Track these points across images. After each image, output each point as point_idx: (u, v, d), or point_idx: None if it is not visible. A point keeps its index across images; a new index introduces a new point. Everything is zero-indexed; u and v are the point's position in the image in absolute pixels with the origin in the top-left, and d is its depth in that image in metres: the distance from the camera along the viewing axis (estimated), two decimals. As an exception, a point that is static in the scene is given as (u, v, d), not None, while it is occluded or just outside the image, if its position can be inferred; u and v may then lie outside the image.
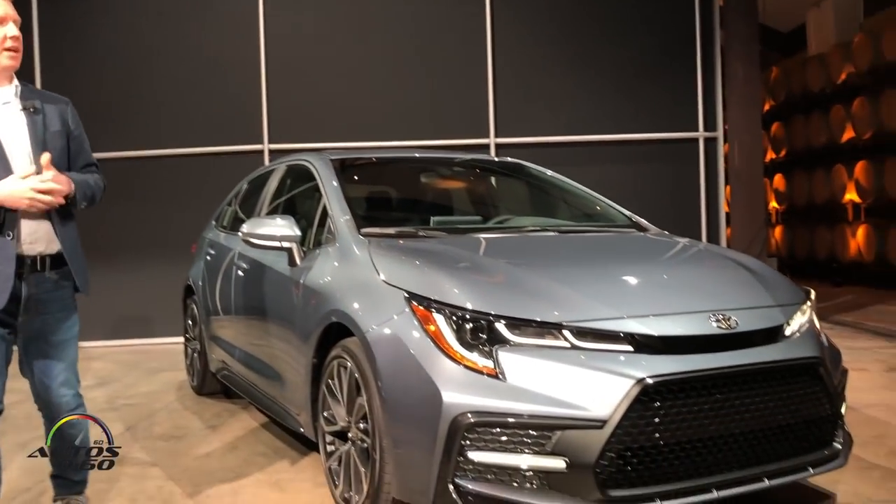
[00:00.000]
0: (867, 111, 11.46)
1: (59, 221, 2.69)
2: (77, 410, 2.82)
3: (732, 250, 3.63)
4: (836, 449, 2.80)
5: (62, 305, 2.76)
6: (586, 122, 8.17)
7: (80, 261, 2.77)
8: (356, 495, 2.87)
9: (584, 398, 2.39)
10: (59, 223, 2.69)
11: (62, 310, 2.77)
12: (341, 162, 3.97)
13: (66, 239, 2.71)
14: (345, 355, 2.94)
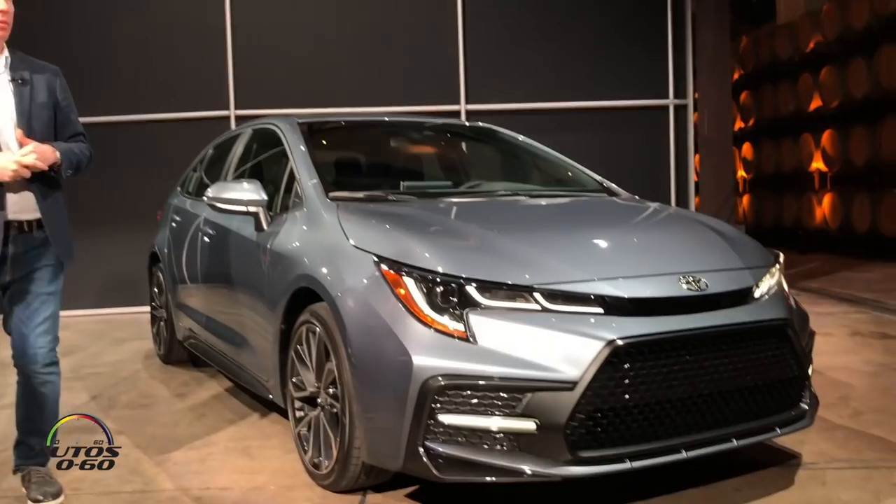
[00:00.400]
0: (834, 80, 11.55)
1: (40, 191, 2.75)
2: (50, 368, 2.82)
3: (702, 214, 3.63)
4: (802, 409, 2.83)
5: (47, 262, 2.82)
6: (557, 89, 8.12)
7: (61, 230, 2.84)
8: (326, 461, 2.85)
9: (555, 360, 2.38)
10: (40, 193, 2.75)
11: (47, 266, 2.82)
12: (309, 126, 3.89)
13: (47, 209, 2.78)
14: (313, 321, 2.90)
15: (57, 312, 2.87)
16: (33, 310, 2.79)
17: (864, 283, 8.42)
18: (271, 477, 3.05)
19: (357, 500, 2.79)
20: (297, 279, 3.05)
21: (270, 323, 3.30)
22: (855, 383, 4.27)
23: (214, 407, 4.10)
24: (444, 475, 2.42)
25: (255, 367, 3.60)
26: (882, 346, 5.23)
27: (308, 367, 3.01)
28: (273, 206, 3.57)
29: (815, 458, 3.09)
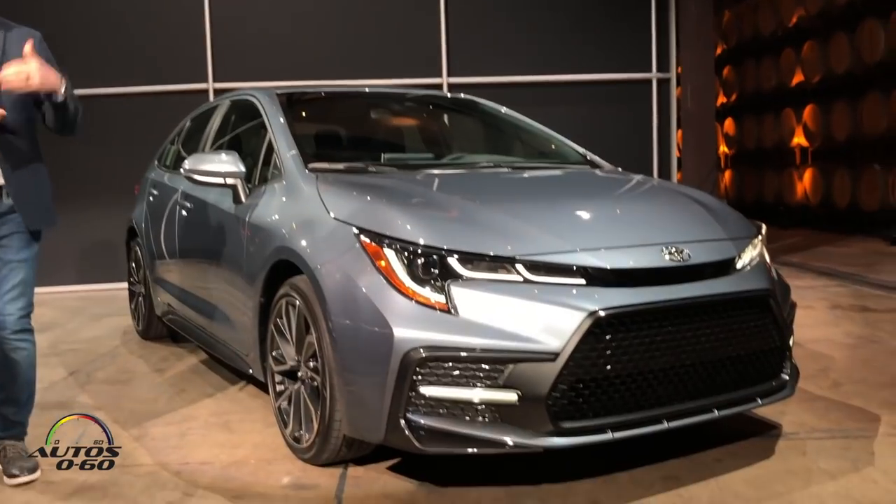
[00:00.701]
0: (817, 55, 11.55)
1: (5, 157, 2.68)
2: (22, 335, 2.77)
3: (685, 186, 3.61)
4: (783, 380, 2.84)
5: (16, 230, 2.75)
6: (540, 63, 8.06)
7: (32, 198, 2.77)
8: (306, 434, 2.83)
9: (537, 331, 2.36)
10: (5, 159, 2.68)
11: (16, 234, 2.75)
12: (288, 97, 3.83)
13: (13, 176, 2.71)
14: (293, 293, 2.87)
15: (30, 279, 2.80)
16: (2, 277, 2.73)
17: (844, 257, 8.48)
18: (251, 451, 3.03)
19: (338, 474, 2.77)
20: (277, 252, 3.01)
21: (249, 297, 3.26)
22: (835, 355, 4.30)
23: (194, 382, 4.07)
24: (426, 447, 2.40)
25: (234, 342, 3.56)
26: (861, 319, 5.27)
27: (288, 341, 2.97)
28: (251, 179, 3.51)
29: (796, 429, 3.11)
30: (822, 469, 2.71)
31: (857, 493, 2.51)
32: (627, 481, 2.64)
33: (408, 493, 2.59)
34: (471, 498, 2.54)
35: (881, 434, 3.03)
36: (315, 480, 2.72)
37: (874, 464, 2.74)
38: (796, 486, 2.58)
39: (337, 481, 2.71)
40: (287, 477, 2.77)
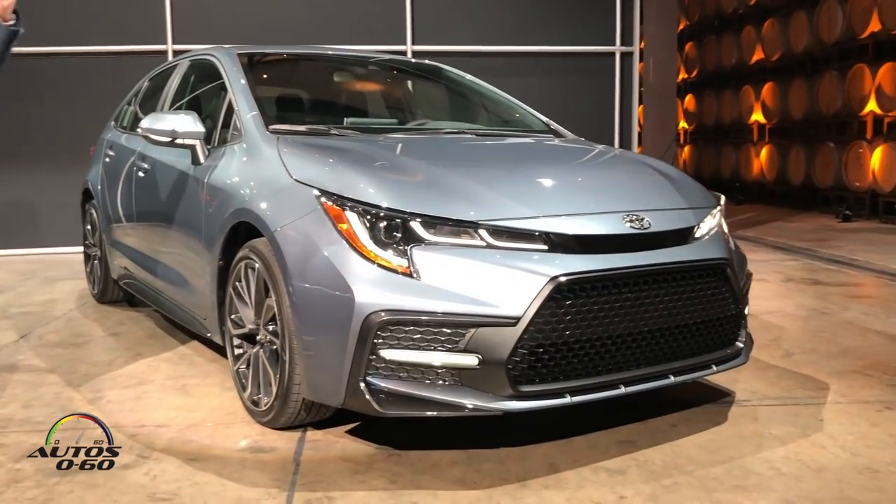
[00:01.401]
0: (776, 33, 11.68)
1: None
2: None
3: (647, 156, 3.64)
4: (738, 348, 2.89)
5: None
6: (505, 33, 8.04)
7: None
8: (265, 397, 2.82)
9: (499, 296, 2.37)
10: None
11: None
12: (249, 57, 3.76)
13: None
14: (252, 256, 2.83)
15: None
16: None
17: (798, 232, 8.66)
18: (209, 414, 3.01)
19: (296, 437, 2.76)
20: (236, 214, 2.97)
21: (208, 260, 3.22)
22: (787, 326, 4.39)
23: (151, 346, 4.01)
24: (386, 410, 2.40)
25: (192, 305, 3.51)
26: (813, 292, 5.39)
27: (247, 304, 2.94)
28: (211, 140, 3.45)
29: (748, 396, 3.18)
30: (773, 435, 2.78)
31: (805, 458, 2.58)
32: (584, 445, 2.68)
33: (367, 457, 2.60)
34: (430, 461, 2.56)
35: (829, 402, 3.12)
36: (273, 444, 2.71)
37: (823, 430, 2.82)
38: (748, 451, 2.64)
39: (295, 445, 2.70)
40: (245, 440, 2.75)
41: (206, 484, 2.40)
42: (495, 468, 2.50)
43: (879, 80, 9.51)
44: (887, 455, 2.60)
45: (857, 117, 10.16)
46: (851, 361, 3.67)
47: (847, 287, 5.60)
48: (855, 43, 10.11)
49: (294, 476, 2.46)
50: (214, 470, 2.50)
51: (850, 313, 4.69)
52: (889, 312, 4.72)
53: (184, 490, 2.36)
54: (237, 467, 2.53)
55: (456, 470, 2.49)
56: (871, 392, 3.23)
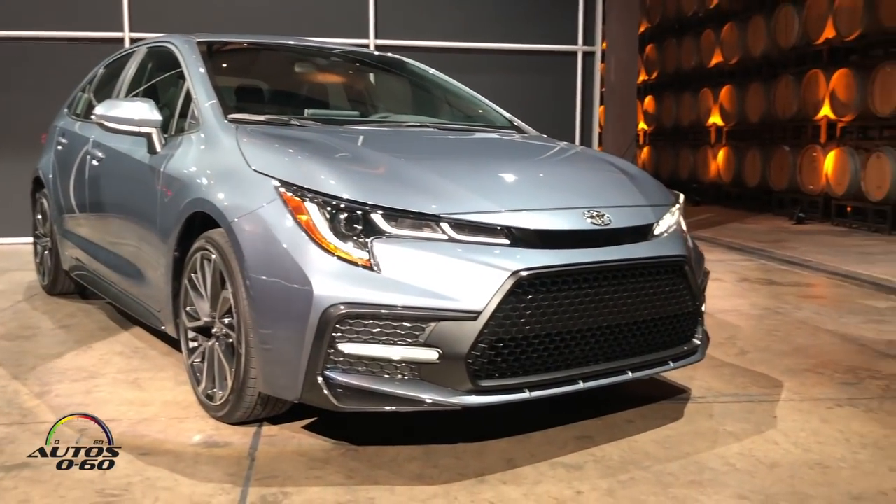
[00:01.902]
0: (735, 37, 11.86)
1: None
2: None
3: (608, 154, 3.66)
4: (695, 345, 2.92)
5: None
6: (468, 30, 8.03)
7: None
8: (220, 392, 2.76)
9: (460, 290, 2.35)
10: None
11: None
12: (209, 45, 3.69)
13: None
14: (209, 247, 2.78)
15: None
16: None
17: (753, 233, 8.81)
18: (162, 409, 2.94)
19: (251, 432, 2.72)
20: (192, 204, 2.90)
21: (163, 251, 3.15)
22: (742, 325, 4.46)
23: (102, 338, 3.92)
24: (344, 405, 2.37)
25: (146, 297, 3.44)
26: (767, 292, 5.48)
27: (202, 296, 2.88)
28: (168, 129, 3.37)
29: (704, 393, 3.21)
30: (728, 431, 2.81)
31: (759, 454, 2.61)
32: (542, 440, 2.68)
33: (323, 452, 2.57)
34: (387, 456, 2.53)
35: (783, 399, 3.16)
36: (228, 438, 2.66)
37: (776, 426, 2.86)
38: (703, 447, 2.66)
39: (250, 440, 2.66)
40: (198, 435, 2.70)
41: (157, 479, 2.35)
42: (453, 463, 2.49)
43: (833, 86, 9.71)
44: (837, 451, 2.64)
45: (811, 122, 10.37)
46: (804, 360, 3.73)
47: (800, 287, 5.71)
48: (810, 49, 10.31)
49: (249, 471, 2.41)
50: (167, 465, 2.45)
51: (803, 313, 4.78)
52: (840, 312, 4.82)
53: (134, 485, 2.31)
54: (190, 462, 2.47)
55: (413, 465, 2.47)
56: (822, 390, 3.29)
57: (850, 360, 3.74)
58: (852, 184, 9.34)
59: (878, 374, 3.52)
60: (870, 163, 9.00)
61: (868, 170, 9.02)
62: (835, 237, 8.59)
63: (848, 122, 9.75)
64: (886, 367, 3.64)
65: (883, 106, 8.92)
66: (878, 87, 8.97)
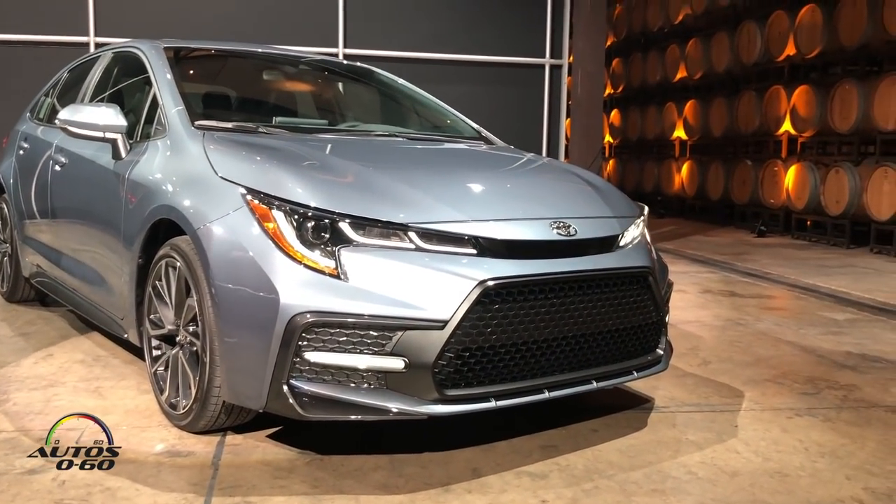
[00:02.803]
0: (700, 52, 12.06)
1: None
2: None
3: (574, 165, 3.70)
4: (658, 355, 2.95)
5: None
6: (437, 41, 8.07)
7: None
8: (184, 400, 2.74)
9: (427, 299, 2.36)
10: None
11: None
12: (176, 51, 3.66)
13: None
14: (174, 254, 2.75)
15: None
16: None
17: (716, 246, 8.94)
18: (123, 417, 2.90)
19: (215, 441, 2.69)
20: (157, 210, 2.88)
21: (127, 258, 3.11)
22: (704, 336, 4.52)
23: (63, 346, 3.85)
24: (309, 414, 2.36)
25: (109, 305, 3.39)
26: (730, 303, 5.57)
27: (167, 304, 2.86)
28: (133, 135, 3.34)
29: (667, 403, 3.25)
30: (690, 440, 2.85)
31: (721, 462, 2.65)
32: (507, 450, 2.69)
33: (288, 461, 2.55)
34: (352, 465, 2.53)
35: (744, 409, 3.21)
36: (191, 448, 2.63)
37: (737, 436, 2.90)
38: (666, 456, 2.69)
39: (214, 449, 2.63)
40: (161, 444, 2.67)
41: (118, 489, 2.32)
42: (418, 472, 2.49)
43: (794, 102, 9.92)
44: (796, 459, 2.69)
45: (773, 136, 10.58)
46: (765, 370, 3.80)
47: (761, 299, 5.80)
48: (772, 65, 10.53)
49: (212, 481, 2.39)
50: (128, 474, 2.42)
51: (764, 324, 4.86)
52: (800, 324, 4.91)
53: (94, 495, 2.27)
54: (152, 472, 2.44)
55: (379, 474, 2.47)
56: (782, 399, 3.35)
57: (809, 371, 3.81)
58: (812, 198, 9.54)
59: (836, 385, 3.60)
60: (829, 178, 9.20)
61: (827, 184, 9.22)
62: (795, 250, 8.76)
63: (808, 138, 9.96)
64: (844, 378, 3.71)
65: (841, 122, 9.13)
66: (836, 103, 9.19)
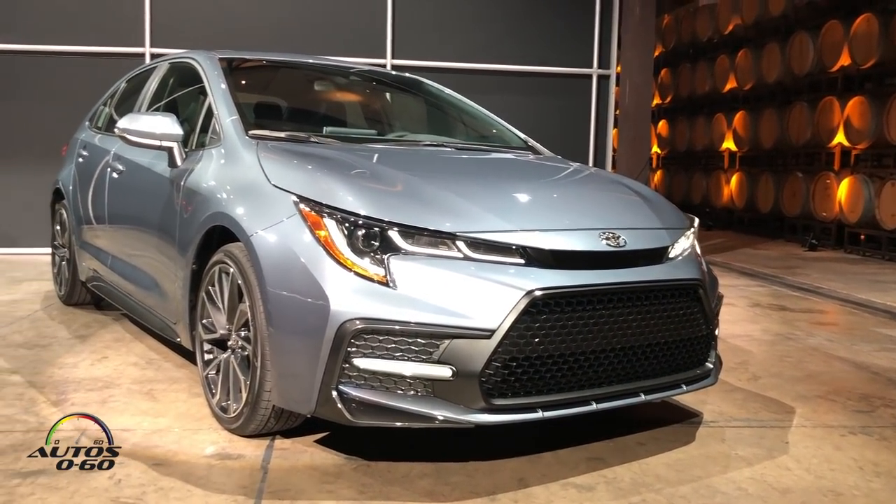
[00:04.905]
0: (749, 63, 11.90)
1: None
2: None
3: (622, 176, 3.68)
4: (707, 368, 2.92)
5: None
6: (484, 51, 8.10)
7: None
8: (234, 404, 2.79)
9: (474, 308, 2.37)
10: None
11: None
12: (230, 62, 3.74)
13: None
14: (227, 260, 2.81)
15: None
16: None
17: (765, 259, 8.79)
18: (175, 420, 2.96)
19: (264, 445, 2.73)
20: (212, 217, 2.94)
21: (181, 263, 3.18)
22: (754, 350, 4.45)
23: (118, 349, 3.95)
24: (357, 420, 2.39)
25: (163, 309, 3.47)
26: (779, 317, 5.47)
27: (219, 309, 2.91)
28: (188, 144, 3.42)
29: (715, 417, 3.21)
30: (740, 456, 2.81)
31: (771, 479, 2.60)
32: (553, 461, 2.68)
33: (335, 466, 2.58)
34: (399, 472, 2.54)
35: (795, 425, 3.16)
36: (241, 451, 2.68)
37: (788, 452, 2.85)
38: (715, 471, 2.66)
39: (263, 452, 2.67)
40: (212, 446, 2.72)
41: (171, 489, 2.37)
42: (465, 481, 2.49)
43: (848, 113, 9.72)
44: (850, 479, 2.64)
45: (825, 148, 10.37)
46: (816, 386, 3.73)
47: (812, 314, 5.69)
48: (825, 76, 10.33)
49: (261, 484, 2.43)
50: (180, 475, 2.47)
51: (815, 339, 4.77)
52: (853, 340, 4.80)
53: (148, 495, 2.32)
54: (204, 473, 2.49)
55: (425, 482, 2.48)
56: (835, 417, 3.28)
57: (863, 388, 3.73)
58: (866, 211, 9.32)
59: (892, 403, 3.51)
60: (884, 191, 8.99)
61: (882, 198, 9.01)
62: (848, 264, 8.56)
63: (862, 150, 9.74)
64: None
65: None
66: (893, 114, 8.98)
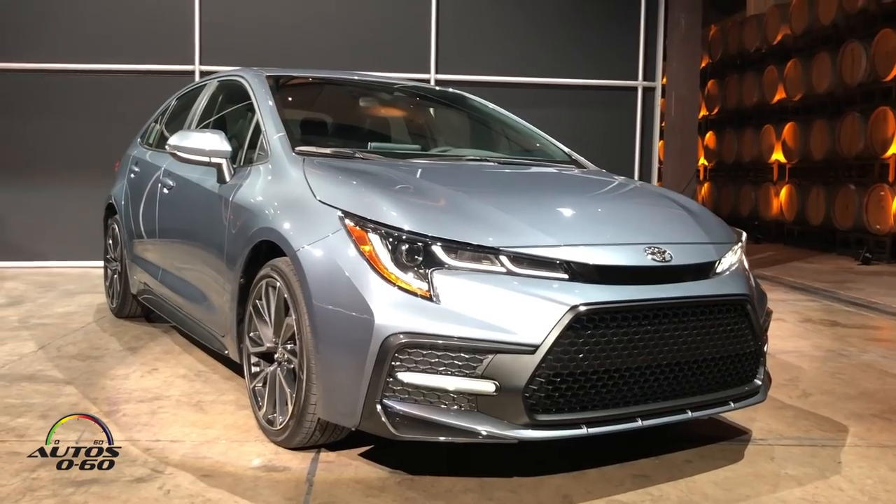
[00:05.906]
0: (799, 73, 11.70)
1: None
2: None
3: (668, 189, 3.64)
4: (756, 385, 2.87)
5: None
6: (528, 65, 8.11)
7: None
8: (280, 416, 2.82)
9: (518, 323, 2.37)
10: None
11: None
12: (276, 79, 3.81)
13: None
14: (274, 275, 2.85)
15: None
16: None
17: (817, 273, 8.60)
18: (223, 431, 3.01)
19: (310, 457, 2.76)
20: (259, 232, 2.99)
21: (229, 277, 3.24)
22: (804, 366, 4.36)
23: (167, 361, 4.03)
24: (401, 433, 2.40)
25: (211, 322, 3.53)
26: (831, 333, 5.35)
27: (266, 323, 2.96)
28: (236, 160, 3.49)
29: (765, 435, 3.15)
30: (790, 475, 2.75)
31: (823, 500, 2.54)
32: (598, 478, 2.66)
33: (379, 480, 2.59)
34: (442, 487, 2.55)
35: (848, 444, 3.08)
36: (286, 463, 2.71)
37: (841, 472, 2.78)
38: (764, 490, 2.61)
39: (308, 465, 2.70)
40: (258, 458, 2.75)
41: (219, 500, 2.40)
42: (508, 497, 2.48)
43: (902, 124, 9.49)
44: (906, 500, 2.56)
45: (879, 160, 10.13)
46: (870, 404, 3.63)
47: (866, 330, 5.55)
48: (878, 85, 10.10)
49: (307, 496, 2.45)
50: (228, 487, 2.50)
51: (869, 356, 4.65)
52: (909, 356, 4.67)
53: (196, 506, 2.36)
54: (250, 485, 2.53)
55: (469, 497, 2.48)
56: (890, 436, 3.19)
57: (919, 407, 3.63)
58: (922, 224, 9.07)
59: (949, 422, 3.41)
60: (940, 203, 8.74)
61: (938, 210, 8.76)
62: (903, 279, 8.34)
63: (917, 161, 9.49)
64: (958, 415, 3.51)
65: (954, 145, 8.67)
66: (949, 125, 8.73)
